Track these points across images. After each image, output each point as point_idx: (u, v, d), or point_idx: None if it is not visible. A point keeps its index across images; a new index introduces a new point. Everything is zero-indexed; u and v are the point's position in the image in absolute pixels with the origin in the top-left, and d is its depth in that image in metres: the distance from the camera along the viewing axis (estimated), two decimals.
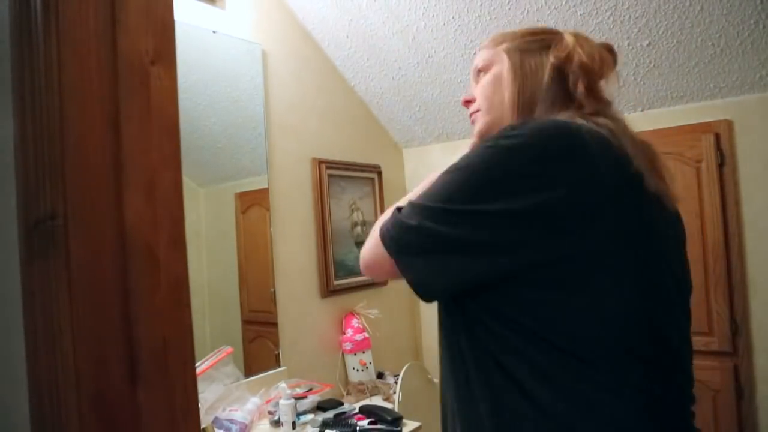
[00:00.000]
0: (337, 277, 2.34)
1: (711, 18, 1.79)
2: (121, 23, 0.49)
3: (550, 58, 0.76)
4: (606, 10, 1.86)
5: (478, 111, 0.84)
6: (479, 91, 0.83)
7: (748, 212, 2.05)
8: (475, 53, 0.89)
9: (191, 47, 1.82)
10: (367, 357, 2.30)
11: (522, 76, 0.77)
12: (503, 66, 0.80)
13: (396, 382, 2.16)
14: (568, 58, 0.74)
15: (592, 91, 0.74)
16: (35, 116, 0.46)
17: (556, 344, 0.64)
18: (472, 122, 0.85)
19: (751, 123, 2.05)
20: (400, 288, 2.74)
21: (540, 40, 0.79)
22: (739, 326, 2.04)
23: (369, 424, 1.72)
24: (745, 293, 2.05)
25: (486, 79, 0.82)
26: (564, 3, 1.88)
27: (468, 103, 0.86)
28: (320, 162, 2.30)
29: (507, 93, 0.78)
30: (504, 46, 0.81)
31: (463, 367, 0.71)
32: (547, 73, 0.75)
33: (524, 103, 0.76)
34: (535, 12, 1.94)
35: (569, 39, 0.77)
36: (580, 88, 0.73)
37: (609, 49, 0.80)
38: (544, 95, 0.75)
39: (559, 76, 0.75)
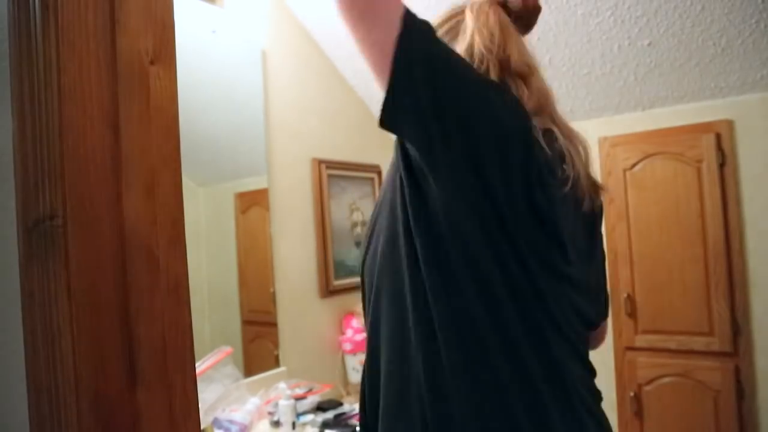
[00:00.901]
0: (336, 277, 2.33)
1: (712, 17, 1.79)
2: (120, 23, 0.49)
3: (460, 51, 0.75)
4: (606, 10, 1.86)
5: None
6: None
7: (748, 212, 2.05)
8: None
9: (191, 47, 1.82)
10: None
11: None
12: None
13: None
14: (470, 46, 0.73)
15: (506, 69, 0.72)
16: (34, 116, 0.46)
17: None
18: None
19: (752, 123, 2.05)
20: None
21: (448, 31, 0.78)
22: (740, 326, 2.04)
23: None
24: (746, 293, 2.05)
25: None
26: (564, 3, 1.88)
27: None
28: (320, 162, 2.30)
29: None
30: None
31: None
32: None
33: None
34: None
35: (468, 22, 0.75)
36: (492, 73, 0.72)
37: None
38: None
39: (471, 59, 0.74)
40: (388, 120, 0.62)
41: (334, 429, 1.67)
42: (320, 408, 1.82)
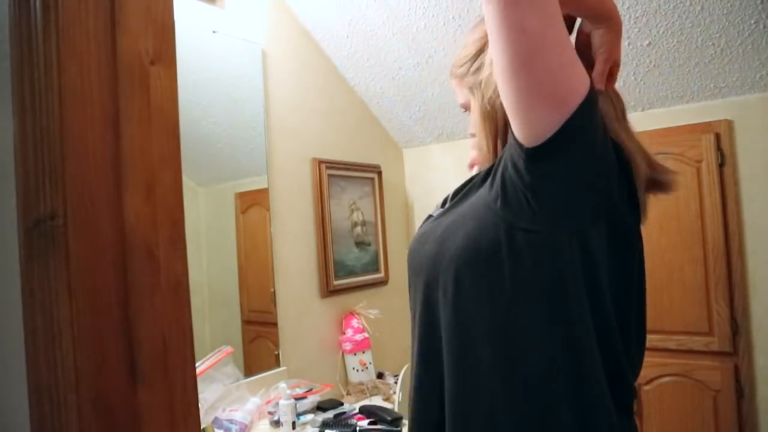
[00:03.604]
0: (337, 277, 2.34)
1: (711, 18, 1.79)
2: (120, 23, 0.49)
3: (484, 76, 0.79)
4: None
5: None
6: (476, 129, 0.86)
7: (748, 212, 2.05)
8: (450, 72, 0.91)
9: (191, 47, 1.82)
10: (367, 357, 2.30)
11: (489, 113, 0.80)
12: (475, 104, 0.83)
13: (396, 382, 2.16)
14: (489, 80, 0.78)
15: None
16: (35, 116, 0.46)
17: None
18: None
19: (752, 123, 2.05)
20: (400, 287, 2.74)
21: (479, 66, 0.81)
22: (740, 326, 2.04)
23: (369, 424, 1.72)
24: (746, 293, 2.05)
25: (473, 117, 0.85)
26: None
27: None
28: (320, 162, 2.30)
29: (488, 130, 0.82)
30: (467, 81, 0.84)
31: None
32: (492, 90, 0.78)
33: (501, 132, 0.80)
34: None
35: (487, 55, 0.79)
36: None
37: None
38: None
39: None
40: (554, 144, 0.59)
41: (334, 429, 1.67)
42: (320, 408, 1.83)
